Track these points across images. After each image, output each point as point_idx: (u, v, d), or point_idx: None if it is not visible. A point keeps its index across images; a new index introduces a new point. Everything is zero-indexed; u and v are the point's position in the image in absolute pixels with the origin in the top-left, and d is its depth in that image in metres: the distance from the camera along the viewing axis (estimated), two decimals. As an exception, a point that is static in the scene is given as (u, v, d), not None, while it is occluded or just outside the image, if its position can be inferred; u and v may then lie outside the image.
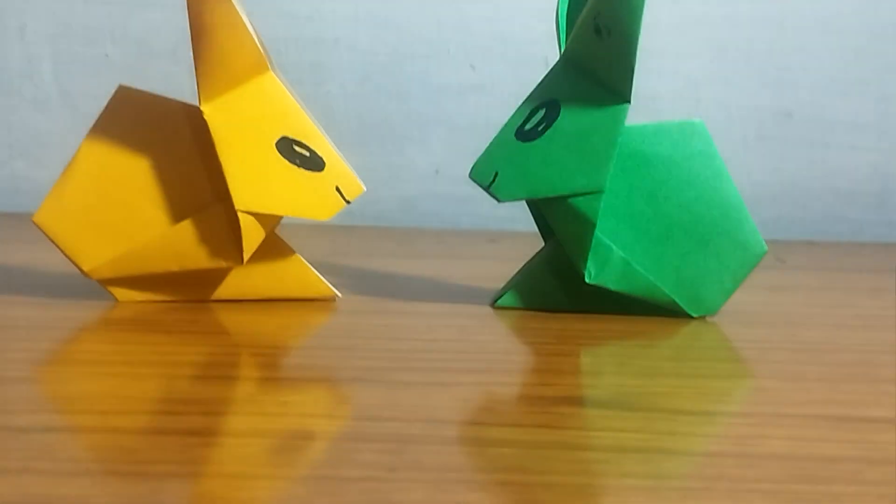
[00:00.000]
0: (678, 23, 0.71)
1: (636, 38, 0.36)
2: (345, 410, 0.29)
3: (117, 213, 0.38)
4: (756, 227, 0.40)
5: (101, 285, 0.39)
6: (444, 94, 0.71)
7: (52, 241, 0.38)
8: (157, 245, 0.38)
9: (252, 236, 0.38)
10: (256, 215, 0.37)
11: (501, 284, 0.44)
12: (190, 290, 0.40)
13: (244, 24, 0.36)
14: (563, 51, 0.40)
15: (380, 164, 0.71)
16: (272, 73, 0.38)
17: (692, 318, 0.40)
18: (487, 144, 0.40)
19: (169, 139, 0.39)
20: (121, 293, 0.40)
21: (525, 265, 0.44)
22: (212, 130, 0.37)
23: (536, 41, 0.63)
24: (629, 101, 0.38)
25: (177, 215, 0.38)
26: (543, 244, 0.44)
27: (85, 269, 0.38)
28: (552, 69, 0.40)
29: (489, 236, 0.66)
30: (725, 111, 0.72)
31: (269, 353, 0.35)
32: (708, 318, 0.40)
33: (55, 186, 0.38)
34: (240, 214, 0.37)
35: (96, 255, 0.38)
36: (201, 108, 0.37)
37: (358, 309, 0.41)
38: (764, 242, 0.40)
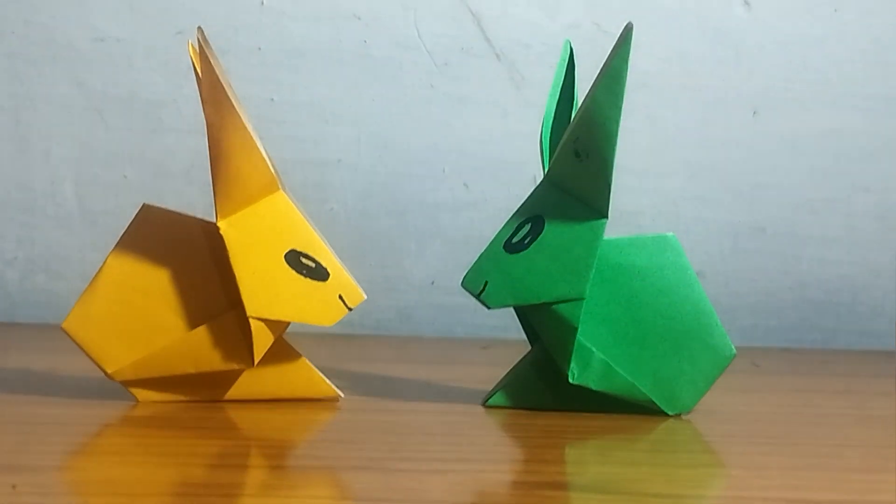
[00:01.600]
0: (656, 144, 0.75)
1: (611, 161, 0.40)
2: (347, 494, 0.32)
3: (139, 320, 0.42)
4: (725, 332, 0.43)
5: (123, 386, 0.43)
6: (439, 211, 0.75)
7: (79, 346, 0.42)
8: (175, 349, 0.41)
9: (262, 340, 0.41)
10: (266, 321, 0.41)
11: (492, 386, 0.47)
12: (204, 390, 0.43)
13: (258, 149, 0.40)
14: (546, 171, 0.44)
15: (378, 275, 0.75)
16: (282, 191, 0.42)
17: (668, 415, 0.43)
18: (478, 256, 0.44)
19: (188, 252, 0.42)
20: (141, 393, 0.43)
21: (513, 367, 0.47)
22: (227, 244, 0.40)
23: (526, 162, 0.67)
24: (607, 217, 0.42)
25: (193, 321, 0.42)
26: (530, 348, 0.47)
27: (109, 371, 0.41)
28: (537, 188, 0.44)
29: (481, 343, 0.70)
30: (703, 225, 0.76)
31: (277, 446, 0.39)
32: (683, 416, 0.43)
33: (83, 296, 0.42)
34: (251, 320, 0.40)
35: (119, 359, 0.41)
36: (218, 223, 0.40)
37: (359, 408, 0.44)
38: (732, 346, 0.43)
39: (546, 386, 0.45)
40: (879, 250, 0.76)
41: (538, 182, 0.45)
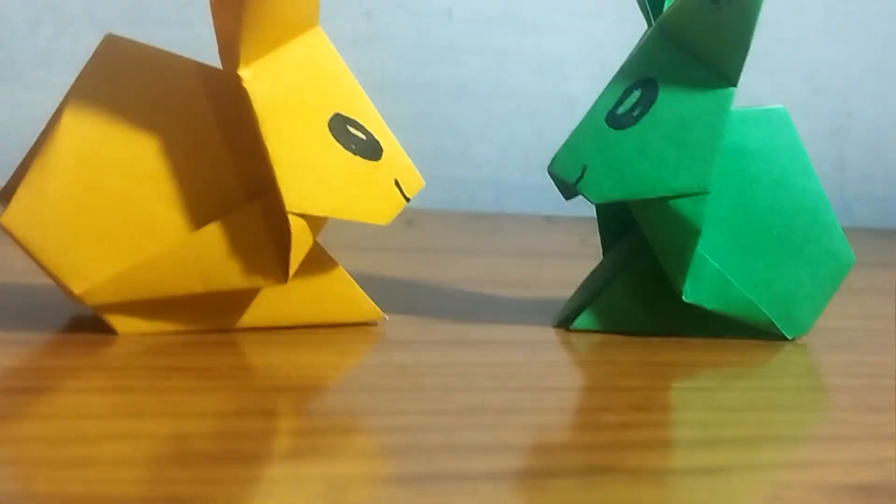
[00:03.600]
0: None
1: (758, 10, 0.30)
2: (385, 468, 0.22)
3: (117, 213, 0.28)
4: (843, 234, 0.35)
5: (96, 313, 0.29)
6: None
7: (29, 254, 0.27)
8: (174, 259, 0.28)
9: (301, 246, 0.28)
10: (308, 218, 0.28)
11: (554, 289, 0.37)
12: (208, 317, 0.30)
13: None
14: (659, 19, 0.33)
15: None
16: (319, 27, 0.29)
17: (786, 339, 0.35)
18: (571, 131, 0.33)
19: (180, 111, 0.29)
20: (121, 323, 0.29)
21: (592, 277, 0.36)
22: (254, 104, 0.27)
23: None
24: (735, 85, 0.32)
25: (196, 218, 0.28)
26: (602, 252, 0.37)
27: (76, 291, 0.27)
28: (645, 41, 0.33)
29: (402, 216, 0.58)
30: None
31: (307, 397, 0.27)
32: (798, 340, 0.35)
33: (29, 176, 0.27)
34: (290, 217, 0.28)
35: (90, 273, 0.27)
36: (239, 72, 0.27)
37: (409, 336, 0.33)
38: (852, 252, 0.35)
39: (643, 304, 0.35)
40: None
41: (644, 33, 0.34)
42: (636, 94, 0.32)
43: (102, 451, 0.20)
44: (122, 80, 0.28)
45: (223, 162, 0.29)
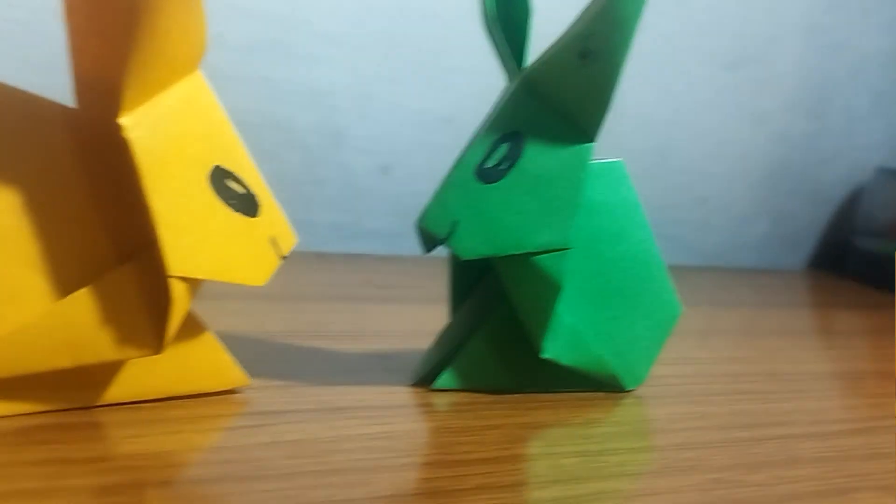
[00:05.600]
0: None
1: (622, 67, 0.31)
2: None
3: (-26, 280, 0.24)
4: (672, 286, 0.36)
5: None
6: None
7: None
8: (38, 331, 0.24)
9: (180, 312, 0.25)
10: (189, 281, 0.25)
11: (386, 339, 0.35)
12: (69, 394, 0.26)
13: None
14: (524, 72, 0.33)
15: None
16: (199, 70, 0.26)
17: (623, 391, 0.35)
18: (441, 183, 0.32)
19: (45, 164, 0.25)
20: (-24, 406, 0.25)
21: (447, 332, 0.35)
22: (136, 156, 0.24)
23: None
24: (595, 140, 0.32)
25: (63, 283, 0.25)
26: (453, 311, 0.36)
27: (-76, 371, 0.23)
28: (510, 94, 0.33)
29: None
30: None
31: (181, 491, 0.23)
32: (635, 392, 0.35)
33: None
34: (172, 282, 0.25)
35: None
36: (119, 121, 0.24)
37: (268, 406, 0.30)
38: (679, 302, 0.36)
39: (505, 360, 0.34)
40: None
41: (507, 85, 0.33)
42: (503, 147, 0.32)
43: None
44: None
45: (91, 219, 0.25)
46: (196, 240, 0.25)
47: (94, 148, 0.25)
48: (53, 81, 0.29)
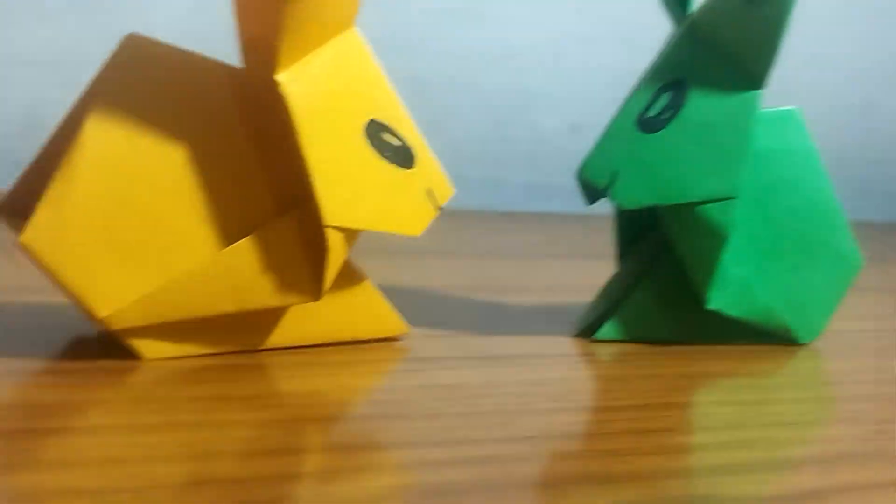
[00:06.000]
0: None
1: (790, 12, 0.30)
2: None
3: (143, 230, 0.25)
4: (853, 237, 0.35)
5: (121, 337, 0.26)
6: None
7: (50, 275, 0.25)
8: (203, 277, 0.26)
9: (337, 260, 0.27)
10: (345, 231, 0.26)
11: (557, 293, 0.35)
12: (235, 338, 0.28)
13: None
14: (689, 18, 0.32)
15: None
16: (355, 28, 0.28)
17: (798, 345, 0.34)
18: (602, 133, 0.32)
19: (210, 121, 0.26)
20: (149, 348, 0.26)
21: (612, 284, 0.35)
22: (292, 111, 0.25)
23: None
24: (764, 87, 0.31)
25: (228, 233, 0.26)
26: (619, 257, 0.36)
27: (101, 314, 0.25)
28: (674, 41, 0.32)
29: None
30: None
31: (333, 431, 0.24)
32: (810, 345, 0.34)
33: (50, 191, 0.25)
34: (328, 231, 0.26)
35: (116, 295, 0.25)
36: (276, 77, 0.25)
37: (431, 353, 0.31)
38: (861, 255, 0.35)
39: (668, 312, 0.34)
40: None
41: (671, 33, 0.33)
42: (666, 96, 0.31)
43: (121, 478, 0.19)
44: (146, 84, 0.26)
45: (253, 172, 0.27)
46: (351, 191, 0.26)
47: (256, 105, 0.26)
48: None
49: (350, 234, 0.27)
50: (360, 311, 0.30)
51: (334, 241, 0.26)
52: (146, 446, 0.21)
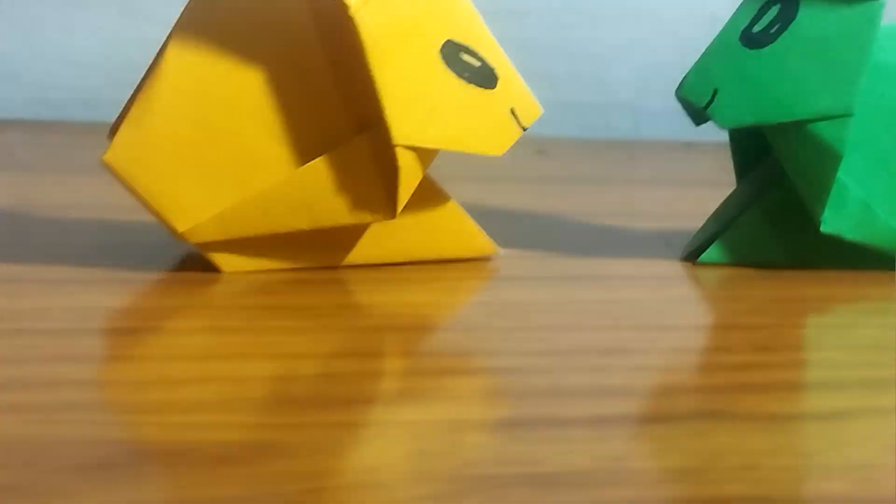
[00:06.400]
0: None
1: None
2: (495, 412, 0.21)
3: (222, 149, 0.27)
4: None
5: (200, 251, 0.28)
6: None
7: (132, 192, 0.27)
8: (279, 195, 0.27)
9: (409, 179, 0.27)
10: (417, 150, 0.27)
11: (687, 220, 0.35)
12: (314, 254, 0.29)
13: None
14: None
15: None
16: (429, -50, 0.28)
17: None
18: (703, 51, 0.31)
19: (288, 45, 0.27)
20: (226, 261, 0.28)
21: (724, 207, 0.34)
22: (361, 34, 0.26)
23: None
24: None
25: (302, 152, 0.27)
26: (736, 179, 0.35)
27: (179, 229, 0.27)
28: (785, -50, 0.31)
29: (531, 146, 0.56)
30: None
31: (412, 340, 0.26)
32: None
33: (132, 113, 0.26)
34: (397, 151, 0.26)
35: (195, 210, 0.27)
36: (346, 1, 0.26)
37: (525, 272, 0.31)
38: None
39: (776, 235, 0.32)
40: None
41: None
42: (774, 9, 0.30)
43: (193, 393, 0.20)
44: (227, 10, 0.27)
45: (331, 94, 0.28)
46: (424, 111, 0.27)
47: (333, 28, 0.27)
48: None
49: (424, 154, 0.27)
50: (445, 230, 0.30)
51: (405, 160, 0.27)
52: (235, 345, 0.23)
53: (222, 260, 0.28)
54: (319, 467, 0.17)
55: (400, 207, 0.27)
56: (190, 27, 0.27)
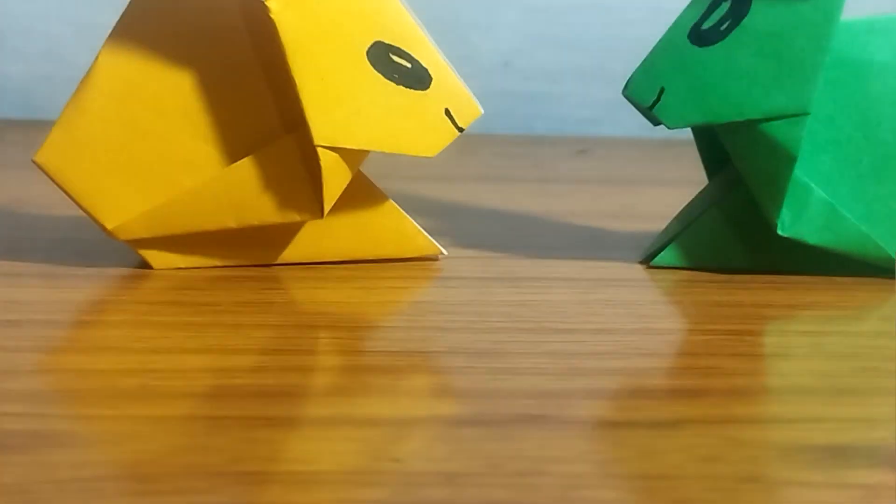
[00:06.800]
0: None
1: None
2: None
3: (151, 149, 0.28)
4: None
5: (130, 248, 0.29)
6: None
7: (63, 190, 0.28)
8: (206, 193, 0.28)
9: (335, 180, 0.27)
10: (341, 151, 0.27)
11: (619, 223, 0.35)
12: (248, 252, 0.30)
13: None
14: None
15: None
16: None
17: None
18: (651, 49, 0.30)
19: (220, 46, 0.28)
20: (157, 258, 0.29)
21: (687, 209, 0.33)
22: (282, 35, 0.26)
23: None
24: None
25: (232, 152, 0.28)
26: (707, 180, 0.34)
27: (108, 226, 0.28)
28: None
29: (573, 144, 0.55)
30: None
31: (351, 337, 0.26)
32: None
33: (64, 114, 0.28)
34: (319, 151, 0.27)
35: (123, 209, 0.28)
36: (266, 2, 0.26)
37: (466, 272, 0.31)
38: None
39: (735, 238, 0.31)
40: None
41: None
42: (725, 6, 0.29)
43: (133, 384, 0.21)
44: (162, 13, 0.28)
45: (263, 95, 0.28)
46: (346, 112, 0.27)
47: (264, 30, 0.27)
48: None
49: (350, 155, 0.28)
50: (382, 230, 0.31)
51: (328, 160, 0.27)
52: (172, 339, 0.24)
53: (152, 256, 0.29)
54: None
55: (328, 207, 0.28)
56: (125, 31, 0.28)
